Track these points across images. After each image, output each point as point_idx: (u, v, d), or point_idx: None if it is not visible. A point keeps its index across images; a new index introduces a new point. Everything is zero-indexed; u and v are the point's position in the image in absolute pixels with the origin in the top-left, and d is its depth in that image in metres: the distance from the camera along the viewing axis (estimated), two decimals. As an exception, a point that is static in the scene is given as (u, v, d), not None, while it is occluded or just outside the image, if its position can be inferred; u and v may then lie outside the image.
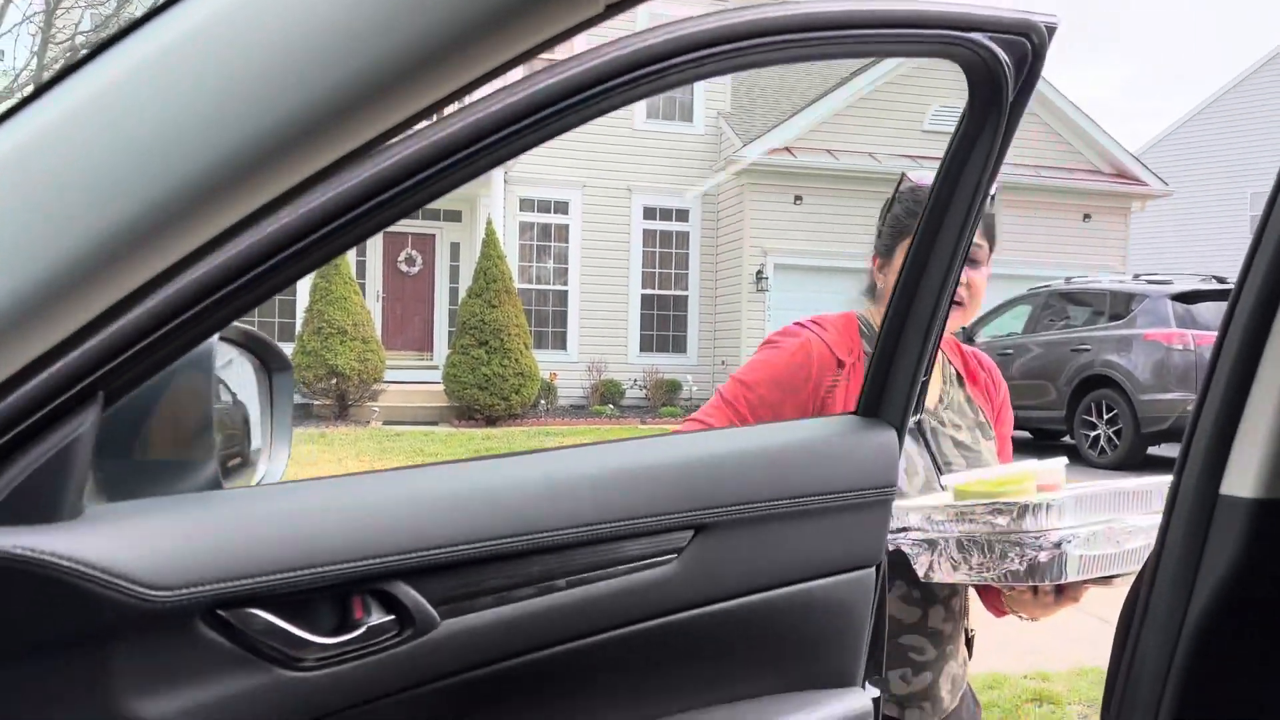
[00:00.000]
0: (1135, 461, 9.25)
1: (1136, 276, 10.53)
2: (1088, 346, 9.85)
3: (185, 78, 0.44)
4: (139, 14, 0.50)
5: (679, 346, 15.53)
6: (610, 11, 0.48)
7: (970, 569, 1.32)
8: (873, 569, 1.17)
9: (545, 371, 13.53)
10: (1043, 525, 1.25)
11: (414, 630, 0.88)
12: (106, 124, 0.55)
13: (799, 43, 0.90)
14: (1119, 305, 9.84)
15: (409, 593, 0.88)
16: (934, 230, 1.16)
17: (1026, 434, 11.02)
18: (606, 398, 14.14)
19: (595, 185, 15.21)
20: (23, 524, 0.71)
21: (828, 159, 14.22)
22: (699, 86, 15.48)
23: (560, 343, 15.20)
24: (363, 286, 13.92)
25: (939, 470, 1.47)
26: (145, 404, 0.83)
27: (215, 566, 0.80)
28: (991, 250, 1.51)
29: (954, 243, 1.15)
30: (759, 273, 14.31)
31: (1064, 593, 1.34)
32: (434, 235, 15.48)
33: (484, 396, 12.28)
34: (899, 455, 1.18)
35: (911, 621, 1.44)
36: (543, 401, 13.64)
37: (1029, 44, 1.04)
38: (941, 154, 1.16)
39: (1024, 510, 1.25)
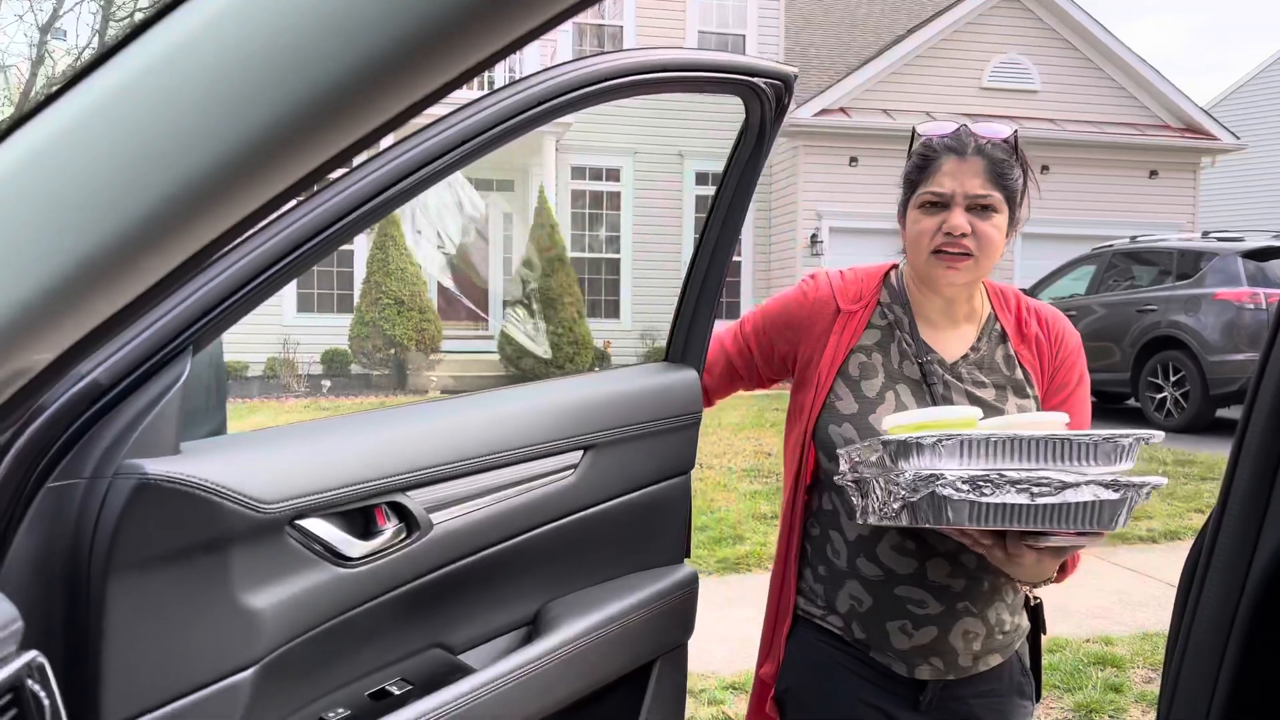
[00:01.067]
0: (1203, 424, 9.01)
1: (1206, 234, 10.19)
2: (1154, 307, 9.58)
3: (194, 70, 0.46)
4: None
5: (732, 313, 15.47)
6: None
7: (879, 511, 1.25)
8: (687, 475, 1.53)
9: (599, 340, 13.59)
10: (913, 465, 1.16)
11: (419, 533, 1.15)
12: (124, 122, 0.59)
13: (634, 85, 1.19)
14: (1187, 264, 9.54)
15: (414, 502, 1.14)
16: (719, 222, 1.49)
17: (1090, 397, 10.79)
18: (660, 365, 14.16)
19: (647, 151, 15.14)
20: (151, 456, 0.88)
21: (884, 119, 13.95)
22: (751, 48, 15.28)
23: (613, 311, 15.24)
24: (418, 257, 14.07)
25: None
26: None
27: (292, 486, 1.00)
28: (1010, 200, 1.40)
29: (733, 231, 1.51)
30: (813, 236, 14.16)
31: (1009, 551, 1.24)
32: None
33: (538, 365, 12.39)
34: (700, 389, 1.55)
35: (906, 573, 1.41)
36: (596, 369, 13.71)
37: (785, 88, 1.39)
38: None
39: (898, 450, 1.17)
